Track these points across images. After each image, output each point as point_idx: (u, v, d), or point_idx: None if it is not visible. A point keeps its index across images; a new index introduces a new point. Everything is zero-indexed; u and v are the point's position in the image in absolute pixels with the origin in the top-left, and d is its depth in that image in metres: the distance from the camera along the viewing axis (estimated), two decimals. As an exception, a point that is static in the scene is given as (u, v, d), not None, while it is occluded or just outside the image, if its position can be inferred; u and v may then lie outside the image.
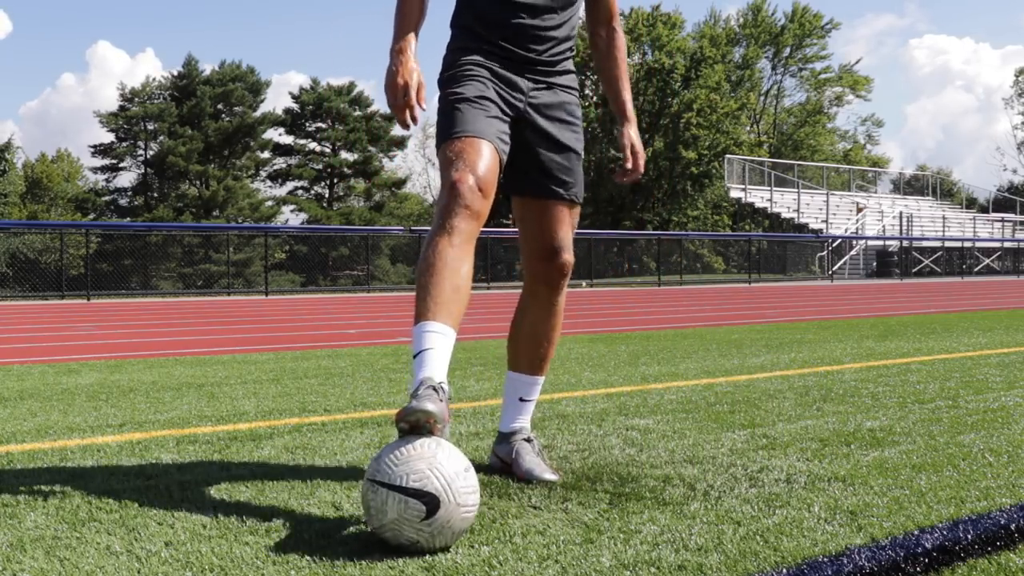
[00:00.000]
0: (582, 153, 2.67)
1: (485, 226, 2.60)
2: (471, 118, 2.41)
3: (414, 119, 2.35)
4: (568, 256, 2.63)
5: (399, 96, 2.33)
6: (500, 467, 2.65)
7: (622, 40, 2.80)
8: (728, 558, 1.87)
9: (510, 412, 2.71)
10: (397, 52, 2.41)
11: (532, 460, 2.58)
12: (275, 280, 24.86)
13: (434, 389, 2.04)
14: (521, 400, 2.71)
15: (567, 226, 2.63)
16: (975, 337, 7.30)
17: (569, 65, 2.67)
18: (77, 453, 2.96)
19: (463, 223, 2.25)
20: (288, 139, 48.38)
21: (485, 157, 2.34)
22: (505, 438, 2.68)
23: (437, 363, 2.12)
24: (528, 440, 2.66)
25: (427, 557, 1.89)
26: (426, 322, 2.18)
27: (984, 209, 46.80)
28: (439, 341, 2.16)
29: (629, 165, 2.69)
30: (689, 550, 1.92)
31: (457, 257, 2.23)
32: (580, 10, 2.70)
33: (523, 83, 2.55)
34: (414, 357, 2.16)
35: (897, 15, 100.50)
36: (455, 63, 2.53)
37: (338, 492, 2.43)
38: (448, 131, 2.40)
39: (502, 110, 2.49)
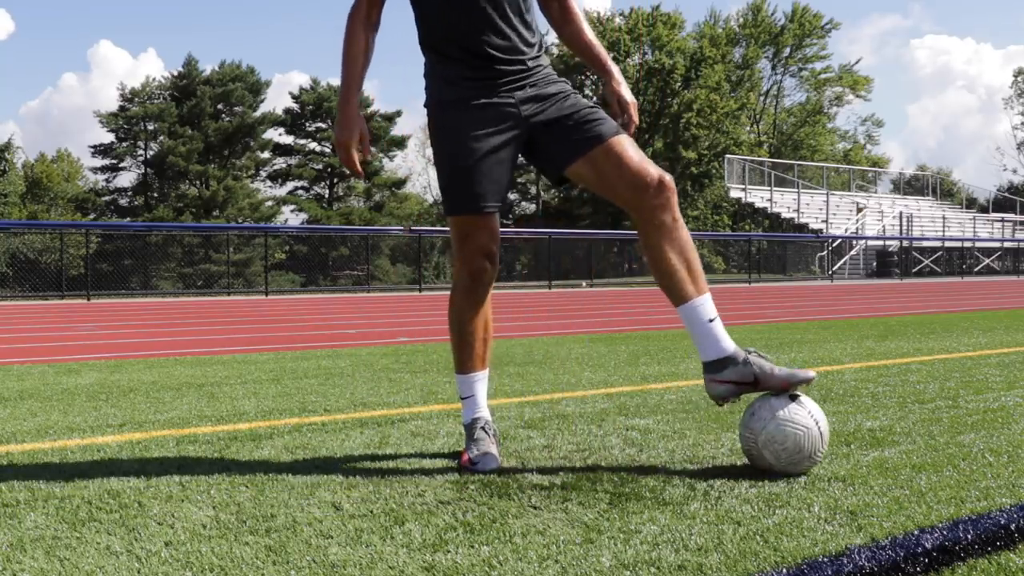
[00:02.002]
0: (596, 106, 2.74)
1: None
2: (465, 191, 2.68)
3: (359, 175, 2.68)
4: (659, 172, 2.60)
5: (343, 157, 2.65)
6: (734, 392, 2.58)
7: (579, 10, 2.89)
8: (728, 558, 1.87)
9: (711, 337, 2.63)
10: (341, 108, 2.65)
11: (780, 368, 2.55)
12: (275, 280, 24.87)
13: (483, 430, 2.78)
14: (711, 321, 2.63)
15: (636, 152, 2.63)
16: (975, 337, 7.30)
17: (544, 60, 2.77)
18: (77, 453, 2.97)
19: (476, 289, 2.79)
20: (288, 139, 48.45)
21: (484, 228, 2.73)
22: (725, 363, 2.59)
23: (481, 403, 2.88)
24: (750, 353, 2.60)
25: (427, 557, 1.89)
26: (466, 375, 2.89)
27: (984, 209, 46.81)
28: (478, 385, 2.89)
29: (622, 120, 2.80)
30: (689, 550, 1.92)
31: (480, 318, 2.83)
32: (533, 11, 2.76)
33: (511, 100, 2.66)
34: (461, 399, 2.92)
35: (902, 15, 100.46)
36: (440, 113, 2.69)
37: (338, 492, 2.43)
38: (449, 205, 2.74)
39: (496, 156, 2.66)
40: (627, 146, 2.65)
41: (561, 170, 2.72)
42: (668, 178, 2.63)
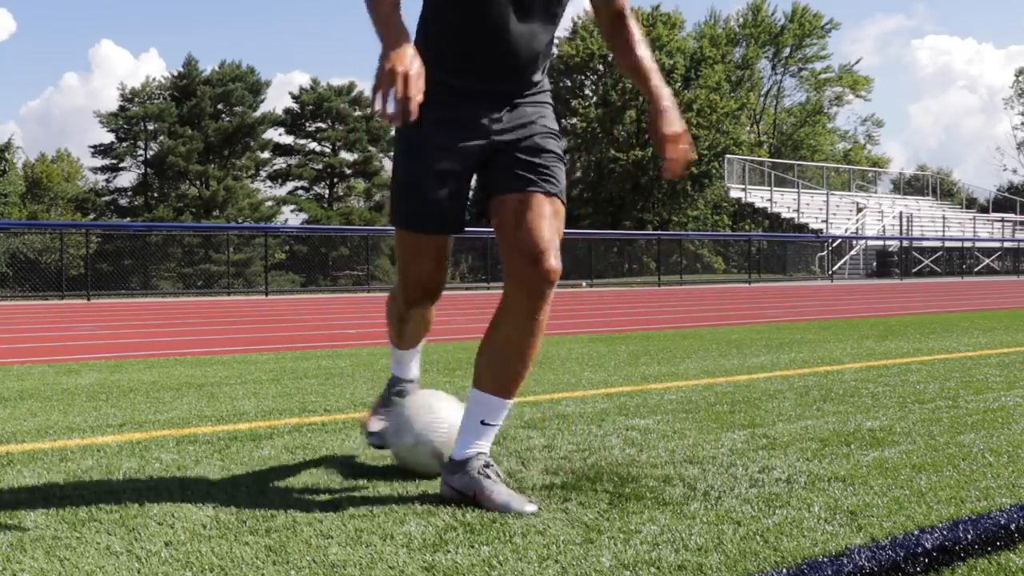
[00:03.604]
0: (563, 157, 2.51)
1: (485, 227, 2.58)
2: (420, 207, 2.40)
3: (412, 112, 2.05)
4: (553, 259, 2.29)
5: (398, 81, 2.04)
6: (457, 499, 2.31)
7: (635, 29, 2.55)
8: (728, 558, 1.87)
9: (468, 436, 2.37)
10: (394, 40, 2.12)
11: (504, 491, 2.29)
12: (275, 280, 24.85)
13: (398, 394, 2.84)
14: (483, 424, 2.37)
15: (550, 225, 2.34)
16: (975, 337, 7.29)
17: (544, 86, 2.52)
18: (77, 453, 2.96)
19: (420, 311, 2.68)
20: (288, 139, 48.46)
21: (435, 254, 2.48)
22: (459, 466, 2.34)
23: (412, 367, 2.92)
24: (487, 466, 2.33)
25: (427, 557, 1.89)
26: (401, 351, 2.89)
27: (984, 209, 46.81)
28: (413, 358, 2.92)
29: (669, 156, 2.39)
30: (689, 550, 1.92)
31: (419, 324, 2.77)
32: (556, 26, 2.49)
33: (488, 117, 2.40)
34: (393, 360, 2.93)
35: (906, 15, 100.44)
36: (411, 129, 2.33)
37: (338, 492, 2.43)
38: (400, 219, 2.46)
39: (456, 173, 2.38)
40: (541, 207, 2.35)
41: (487, 190, 2.44)
42: (555, 270, 2.31)
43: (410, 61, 2.07)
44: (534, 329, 2.33)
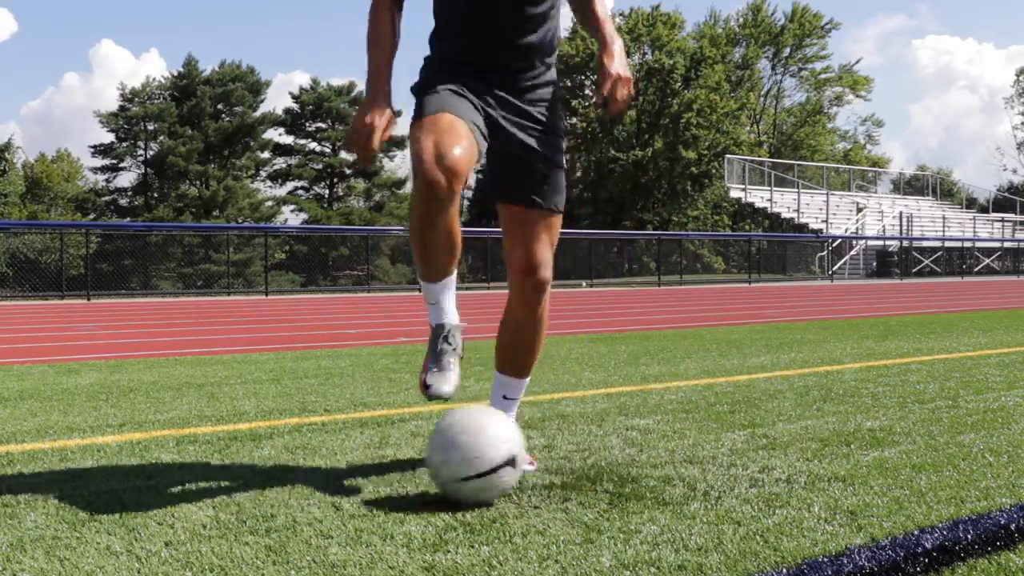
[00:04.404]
0: (563, 164, 2.67)
1: (485, 227, 2.62)
2: (442, 100, 2.43)
3: (366, 162, 2.42)
4: (545, 273, 2.60)
5: (361, 135, 2.37)
6: None
7: None
8: (728, 558, 1.87)
9: (495, 407, 2.71)
10: (373, 91, 2.44)
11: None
12: (275, 280, 24.85)
13: (446, 340, 2.53)
14: (505, 398, 2.75)
15: (544, 239, 2.61)
16: (975, 337, 7.29)
17: (548, 76, 2.64)
18: (77, 453, 2.97)
19: (439, 196, 2.29)
20: (288, 139, 48.47)
21: (454, 128, 2.34)
22: None
23: (448, 308, 2.57)
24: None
25: (427, 557, 1.89)
26: (431, 284, 2.56)
27: (984, 209, 46.81)
28: (445, 292, 2.57)
29: (604, 91, 2.47)
30: (689, 550, 1.92)
31: (440, 233, 2.40)
32: (558, 18, 2.63)
33: (497, 94, 2.55)
34: (429, 304, 2.60)
35: (907, 15, 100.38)
36: (429, 71, 2.58)
37: (338, 492, 2.43)
38: (419, 112, 2.45)
39: (475, 103, 2.50)
40: (536, 224, 2.59)
41: (492, 195, 2.70)
42: (546, 280, 2.61)
43: (379, 116, 2.37)
44: (537, 322, 2.67)
